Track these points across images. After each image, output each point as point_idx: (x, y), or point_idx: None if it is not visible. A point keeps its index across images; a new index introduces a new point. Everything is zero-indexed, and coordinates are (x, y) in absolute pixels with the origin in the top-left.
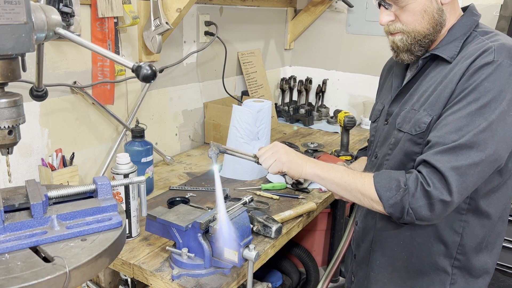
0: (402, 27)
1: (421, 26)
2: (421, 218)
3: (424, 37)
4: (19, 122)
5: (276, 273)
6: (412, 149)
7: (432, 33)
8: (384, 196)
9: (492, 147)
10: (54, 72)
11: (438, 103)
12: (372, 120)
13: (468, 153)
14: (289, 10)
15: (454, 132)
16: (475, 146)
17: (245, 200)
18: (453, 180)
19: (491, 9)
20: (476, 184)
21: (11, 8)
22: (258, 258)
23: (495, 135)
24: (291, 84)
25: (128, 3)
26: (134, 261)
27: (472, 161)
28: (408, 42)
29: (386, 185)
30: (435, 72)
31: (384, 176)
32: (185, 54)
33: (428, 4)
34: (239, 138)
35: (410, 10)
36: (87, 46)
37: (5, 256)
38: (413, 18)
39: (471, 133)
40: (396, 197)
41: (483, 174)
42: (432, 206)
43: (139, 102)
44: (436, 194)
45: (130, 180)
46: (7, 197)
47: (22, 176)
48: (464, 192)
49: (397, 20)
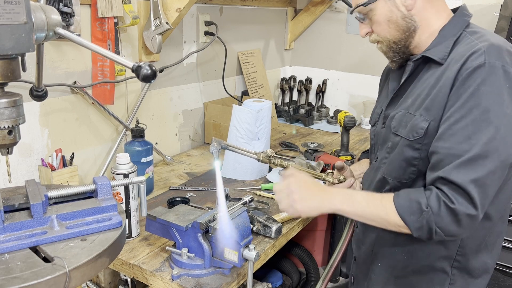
0: (376, 37)
1: (390, 34)
2: (450, 235)
3: (395, 44)
4: (19, 122)
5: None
6: (411, 154)
7: (403, 39)
8: (409, 221)
9: (504, 152)
10: (54, 72)
11: (434, 107)
12: (372, 124)
13: (484, 163)
14: (289, 10)
15: (464, 142)
16: (489, 155)
17: (245, 200)
18: (475, 192)
19: (491, 9)
20: (495, 190)
21: (11, 8)
22: (258, 258)
23: (505, 140)
24: (291, 84)
25: (128, 3)
26: (134, 261)
27: (489, 170)
28: (385, 50)
29: (408, 209)
30: (428, 74)
31: (404, 199)
32: (185, 54)
33: (389, 14)
34: (239, 138)
35: (376, 21)
36: (87, 46)
37: (5, 256)
38: (381, 28)
39: (481, 141)
40: (421, 220)
41: (500, 180)
42: (459, 222)
43: (139, 102)
44: (462, 210)
45: (130, 180)
46: (7, 197)
47: (22, 176)
48: (487, 201)
49: (372, 31)
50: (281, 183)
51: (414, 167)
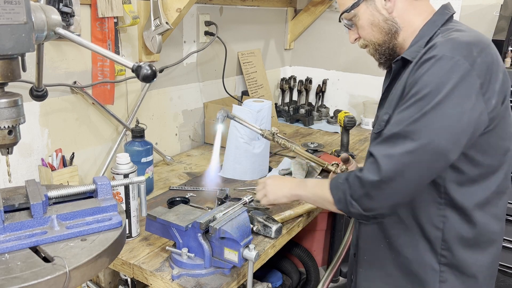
0: (364, 41)
1: (375, 37)
2: (366, 208)
3: (380, 46)
4: (19, 122)
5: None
6: None
7: (387, 41)
8: (333, 194)
9: (426, 136)
10: (54, 72)
11: (393, 101)
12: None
13: (403, 142)
14: (289, 10)
15: (395, 124)
16: (409, 136)
17: (245, 200)
18: (384, 164)
19: (491, 9)
20: (417, 172)
21: (11, 8)
22: (258, 258)
23: (430, 125)
24: (291, 84)
25: (128, 3)
26: (134, 261)
27: (405, 149)
28: (372, 52)
29: (334, 184)
30: (404, 74)
31: (336, 179)
32: (185, 54)
33: (371, 18)
34: (239, 138)
35: (361, 26)
36: (87, 46)
37: (5, 256)
38: (366, 32)
39: (405, 123)
40: (339, 193)
41: (424, 164)
42: (366, 190)
43: (139, 102)
44: (365, 176)
45: (130, 180)
46: (7, 197)
47: (22, 176)
48: (398, 177)
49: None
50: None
51: None
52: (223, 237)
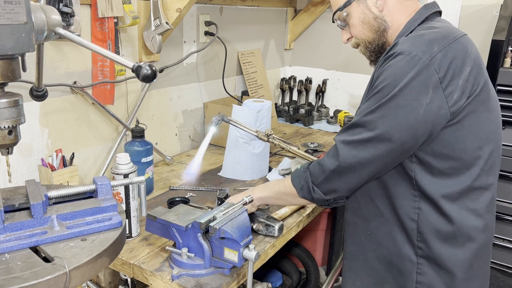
0: (356, 40)
1: (365, 35)
2: (327, 191)
3: (370, 44)
4: (19, 122)
5: (276, 273)
6: None
7: (376, 38)
8: (295, 184)
9: (382, 127)
10: (54, 72)
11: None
12: None
13: (360, 131)
14: (289, 10)
15: (356, 115)
16: (366, 125)
17: (245, 200)
18: (342, 149)
19: (491, 9)
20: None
21: (11, 8)
22: (258, 258)
23: (385, 117)
24: (291, 84)
25: (128, 3)
26: (134, 261)
27: (361, 137)
28: (363, 51)
29: (296, 174)
30: None
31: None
32: (185, 54)
33: (362, 16)
34: (239, 138)
35: (352, 25)
36: (87, 46)
37: (5, 256)
38: (357, 30)
39: (363, 113)
40: (301, 181)
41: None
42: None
43: (139, 102)
44: (326, 162)
45: (130, 180)
46: (7, 197)
47: (22, 176)
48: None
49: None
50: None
51: None
52: (223, 237)
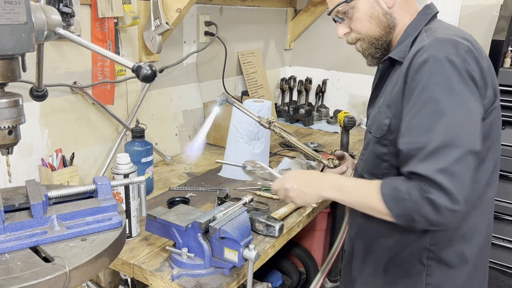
0: (357, 35)
1: (372, 31)
2: (434, 225)
3: (377, 40)
4: (19, 122)
5: (276, 273)
6: (381, 150)
7: (384, 35)
8: (392, 208)
9: (467, 138)
10: (54, 72)
11: (392, 104)
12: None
13: (447, 152)
14: (289, 10)
15: (423, 134)
16: (451, 143)
17: (245, 200)
18: (444, 181)
19: (491, 9)
20: (471, 177)
21: (11, 8)
22: (258, 258)
23: (464, 127)
24: (291, 84)
25: (128, 3)
26: (134, 261)
27: (453, 158)
28: (365, 46)
29: (391, 196)
30: (395, 74)
31: (388, 187)
32: (185, 54)
33: (371, 10)
34: (239, 138)
35: (357, 19)
36: (87, 46)
37: (5, 256)
38: (362, 25)
39: (440, 131)
40: (401, 208)
41: (471, 167)
42: (439, 211)
43: (139, 102)
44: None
45: (130, 180)
46: (7, 197)
47: (22, 176)
48: (462, 190)
49: (351, 30)
50: (276, 184)
51: (386, 162)
52: (223, 237)
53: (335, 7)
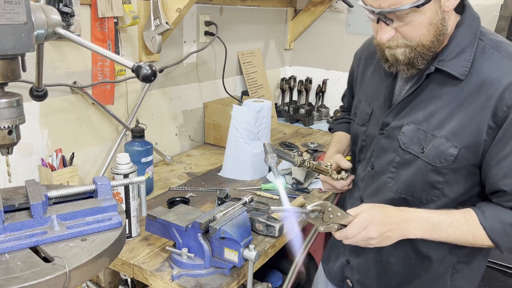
0: (405, 41)
1: (426, 40)
2: None
3: (428, 50)
4: (19, 122)
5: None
6: (436, 178)
7: (436, 45)
8: (502, 242)
9: None
10: (54, 72)
11: (465, 134)
12: (360, 124)
13: None
14: (289, 10)
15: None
16: None
17: (245, 200)
18: None
19: (491, 9)
20: None
21: (11, 8)
22: (258, 258)
23: None
24: (291, 84)
25: (128, 3)
26: (134, 261)
27: None
28: (411, 56)
29: (501, 232)
30: (443, 90)
31: (494, 222)
32: (185, 54)
33: (434, 16)
34: (239, 138)
35: (415, 25)
36: (87, 46)
37: (5, 256)
38: (418, 33)
39: None
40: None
41: None
42: None
43: (139, 102)
44: None
45: (130, 180)
46: (7, 197)
47: (22, 176)
48: None
49: (398, 34)
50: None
51: (438, 190)
52: (223, 237)
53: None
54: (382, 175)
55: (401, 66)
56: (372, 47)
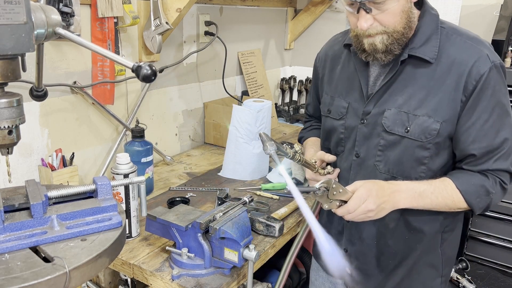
0: (383, 28)
1: (400, 26)
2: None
3: (402, 36)
4: (19, 122)
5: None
6: (422, 154)
7: (407, 32)
8: (475, 203)
9: None
10: (54, 72)
11: (443, 109)
12: (337, 118)
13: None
14: (289, 10)
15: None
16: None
17: (245, 200)
18: None
19: (491, 9)
20: None
21: (11, 8)
22: (258, 258)
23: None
24: (291, 84)
25: (128, 3)
26: (134, 261)
27: None
28: (388, 42)
29: (475, 193)
30: (417, 74)
31: (468, 185)
32: (185, 54)
33: (405, 4)
34: (239, 138)
35: (391, 13)
36: (87, 46)
37: (5, 256)
38: (394, 19)
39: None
40: (486, 201)
41: None
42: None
43: (139, 102)
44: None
45: (130, 180)
46: (7, 197)
47: (22, 176)
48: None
49: (376, 22)
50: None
51: (424, 166)
52: (223, 237)
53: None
54: (368, 160)
55: (378, 54)
56: (337, 47)
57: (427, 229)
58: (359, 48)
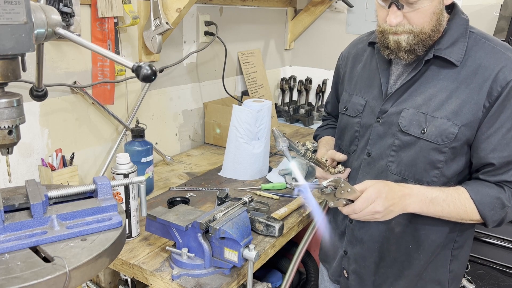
0: (410, 27)
1: (429, 27)
2: None
3: (428, 37)
4: (19, 122)
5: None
6: (437, 157)
7: (435, 34)
8: (489, 215)
9: None
10: (54, 72)
11: (464, 113)
12: (353, 115)
13: None
14: (289, 10)
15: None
16: None
17: (245, 200)
18: None
19: (491, 9)
20: None
21: (11, 8)
22: (258, 258)
23: None
24: (291, 84)
25: (128, 3)
26: (134, 261)
27: None
28: (413, 42)
29: (489, 205)
30: (440, 75)
31: (483, 196)
32: (185, 54)
33: (437, 6)
34: (239, 138)
35: (422, 12)
36: (87, 46)
37: (5, 256)
38: (423, 20)
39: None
40: (501, 214)
41: None
42: None
43: (139, 102)
44: None
45: (130, 180)
46: (7, 197)
47: (22, 176)
48: None
49: (405, 20)
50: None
51: (437, 170)
52: (223, 237)
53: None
54: (380, 160)
55: (401, 53)
56: (361, 45)
57: (432, 239)
58: (383, 45)
